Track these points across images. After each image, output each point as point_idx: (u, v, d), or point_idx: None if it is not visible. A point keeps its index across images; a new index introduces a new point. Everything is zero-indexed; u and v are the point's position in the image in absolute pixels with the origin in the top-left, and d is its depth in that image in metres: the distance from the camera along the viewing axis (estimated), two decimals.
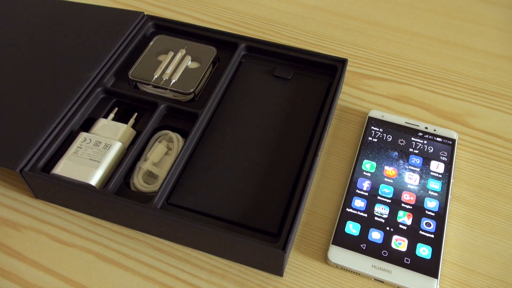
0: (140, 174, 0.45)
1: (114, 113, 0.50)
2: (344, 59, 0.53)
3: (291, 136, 0.48)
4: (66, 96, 0.49)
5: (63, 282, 0.42)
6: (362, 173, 0.48)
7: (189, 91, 0.50)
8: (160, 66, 0.52)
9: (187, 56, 0.54)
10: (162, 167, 0.46)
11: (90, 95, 0.50)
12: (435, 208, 0.45)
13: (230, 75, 0.53)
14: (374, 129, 0.51)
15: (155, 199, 0.42)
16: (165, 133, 0.48)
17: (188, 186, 0.45)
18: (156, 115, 0.48)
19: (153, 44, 0.55)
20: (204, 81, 0.53)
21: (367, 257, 0.42)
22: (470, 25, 0.66)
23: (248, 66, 0.55)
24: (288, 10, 0.67)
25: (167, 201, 0.44)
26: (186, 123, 0.49)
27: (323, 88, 0.52)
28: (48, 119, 0.47)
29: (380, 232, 0.44)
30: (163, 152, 0.47)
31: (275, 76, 0.53)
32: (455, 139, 0.51)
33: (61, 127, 0.47)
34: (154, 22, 0.58)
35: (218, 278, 0.42)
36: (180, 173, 0.46)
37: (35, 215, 0.46)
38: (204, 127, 0.49)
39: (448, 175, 0.48)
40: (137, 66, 0.52)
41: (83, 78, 0.50)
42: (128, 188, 0.45)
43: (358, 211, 0.45)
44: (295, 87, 0.52)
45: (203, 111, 0.48)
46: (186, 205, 0.43)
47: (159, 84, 0.51)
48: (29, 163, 0.44)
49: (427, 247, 0.43)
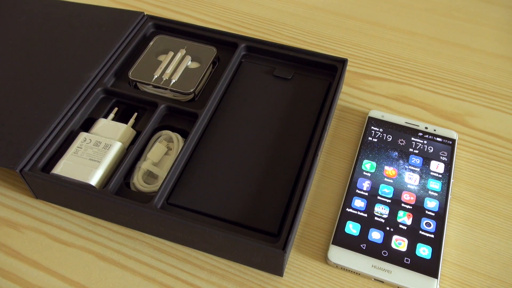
0: (140, 174, 0.45)
1: (114, 113, 0.50)
2: (344, 59, 0.53)
3: (291, 136, 0.48)
4: (66, 96, 0.49)
5: (63, 282, 0.42)
6: (362, 173, 0.48)
7: (189, 91, 0.50)
8: (160, 66, 0.52)
9: (187, 56, 0.54)
10: (162, 167, 0.46)
11: (90, 95, 0.50)
12: (435, 208, 0.45)
13: (230, 75, 0.53)
14: (374, 129, 0.51)
15: (155, 199, 0.42)
16: (165, 133, 0.48)
17: (188, 186, 0.45)
18: (156, 115, 0.48)
19: (153, 44, 0.55)
20: (204, 81, 0.53)
21: (367, 257, 0.42)
22: (470, 25, 0.66)
23: (248, 66, 0.55)
24: (288, 10, 0.67)
25: (167, 201, 0.44)
26: (186, 123, 0.49)
27: (323, 88, 0.52)
28: (48, 119, 0.47)
29: (380, 232, 0.44)
30: (163, 152, 0.47)
31: (275, 76, 0.53)
32: (455, 139, 0.51)
33: (61, 127, 0.47)
34: (154, 22, 0.58)
35: (218, 278, 0.42)
36: (180, 173, 0.46)
37: (35, 215, 0.46)
38: (204, 127, 0.49)
39: (448, 175, 0.48)
40: (137, 66, 0.52)
41: (83, 78, 0.50)
42: (128, 188, 0.45)
43: (358, 211, 0.45)
44: (295, 87, 0.52)
45: (203, 111, 0.48)
46: (186, 205, 0.43)
47: (159, 84, 0.51)
48: (29, 163, 0.44)
49: (427, 247, 0.43)
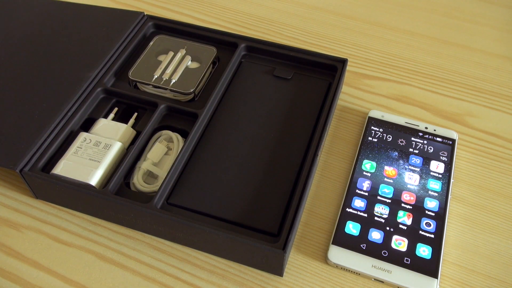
0: (140, 174, 0.45)
1: (114, 113, 0.50)
2: (344, 59, 0.53)
3: (291, 136, 0.48)
4: (66, 96, 0.49)
5: (63, 282, 0.42)
6: (362, 173, 0.48)
7: (189, 91, 0.50)
8: (160, 66, 0.52)
9: (187, 56, 0.54)
10: (162, 167, 0.46)
11: (90, 95, 0.50)
12: (435, 208, 0.45)
13: (230, 75, 0.53)
14: (374, 129, 0.51)
15: (155, 199, 0.42)
16: (165, 133, 0.48)
17: (188, 186, 0.45)
18: (156, 115, 0.48)
19: (153, 44, 0.55)
20: (204, 81, 0.53)
21: (367, 257, 0.42)
22: (470, 25, 0.66)
23: (248, 66, 0.55)
24: (288, 10, 0.67)
25: (167, 201, 0.44)
26: (186, 123, 0.49)
27: (323, 88, 0.52)
28: (48, 119, 0.47)
29: (380, 232, 0.44)
30: (163, 152, 0.47)
31: (275, 76, 0.53)
32: (455, 139, 0.51)
33: (61, 127, 0.47)
34: (154, 22, 0.58)
35: (218, 278, 0.42)
36: (180, 173, 0.46)
37: (35, 215, 0.46)
38: (204, 127, 0.49)
39: (448, 175, 0.48)
40: (137, 66, 0.52)
41: (83, 78, 0.50)
42: (128, 188, 0.45)
43: (358, 211, 0.45)
44: (295, 87, 0.52)
45: (203, 111, 0.48)
46: (186, 205, 0.43)
47: (159, 84, 0.51)
48: (29, 163, 0.44)
49: (427, 247, 0.43)
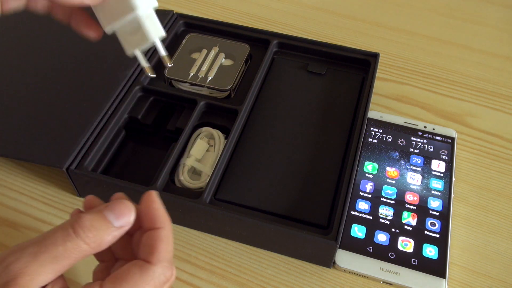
0: (185, 170, 0.46)
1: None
2: (376, 53, 0.54)
3: (330, 130, 0.49)
4: (105, 95, 0.49)
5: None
6: (364, 175, 0.47)
7: (227, 88, 0.51)
8: (195, 63, 0.53)
9: (221, 53, 0.54)
10: (205, 164, 0.47)
11: (128, 93, 0.50)
12: (438, 207, 0.45)
13: (265, 72, 0.54)
14: (373, 130, 0.51)
15: (204, 195, 0.42)
16: (205, 130, 0.48)
17: (233, 181, 0.45)
18: (196, 112, 0.49)
19: (186, 42, 0.55)
20: (239, 78, 0.53)
21: (375, 260, 0.42)
22: (470, 25, 0.66)
23: (282, 62, 0.55)
24: (288, 10, 0.67)
25: (215, 196, 0.44)
26: (224, 119, 0.49)
27: (357, 83, 0.53)
28: (90, 119, 0.47)
29: (386, 234, 0.44)
30: (205, 148, 0.47)
31: (309, 71, 0.54)
32: (454, 137, 0.51)
33: (103, 126, 0.47)
34: (184, 21, 0.58)
35: (218, 278, 0.42)
36: (224, 169, 0.46)
37: (35, 215, 0.46)
38: (243, 123, 0.49)
39: (449, 173, 0.48)
40: (172, 64, 0.53)
41: (120, 77, 0.50)
42: (173, 185, 0.45)
43: (363, 214, 0.45)
44: (330, 81, 0.53)
45: (242, 107, 0.49)
46: (234, 200, 0.44)
47: (196, 81, 0.51)
48: (74, 162, 0.44)
49: (433, 247, 0.43)
